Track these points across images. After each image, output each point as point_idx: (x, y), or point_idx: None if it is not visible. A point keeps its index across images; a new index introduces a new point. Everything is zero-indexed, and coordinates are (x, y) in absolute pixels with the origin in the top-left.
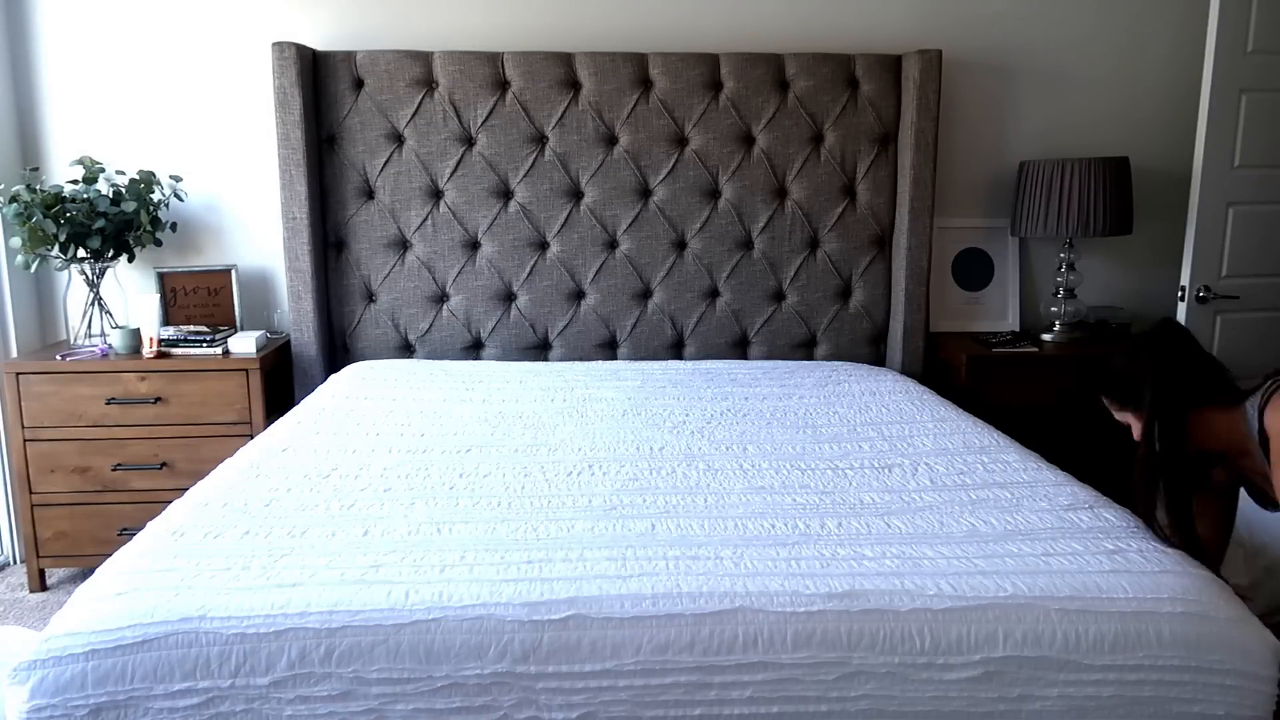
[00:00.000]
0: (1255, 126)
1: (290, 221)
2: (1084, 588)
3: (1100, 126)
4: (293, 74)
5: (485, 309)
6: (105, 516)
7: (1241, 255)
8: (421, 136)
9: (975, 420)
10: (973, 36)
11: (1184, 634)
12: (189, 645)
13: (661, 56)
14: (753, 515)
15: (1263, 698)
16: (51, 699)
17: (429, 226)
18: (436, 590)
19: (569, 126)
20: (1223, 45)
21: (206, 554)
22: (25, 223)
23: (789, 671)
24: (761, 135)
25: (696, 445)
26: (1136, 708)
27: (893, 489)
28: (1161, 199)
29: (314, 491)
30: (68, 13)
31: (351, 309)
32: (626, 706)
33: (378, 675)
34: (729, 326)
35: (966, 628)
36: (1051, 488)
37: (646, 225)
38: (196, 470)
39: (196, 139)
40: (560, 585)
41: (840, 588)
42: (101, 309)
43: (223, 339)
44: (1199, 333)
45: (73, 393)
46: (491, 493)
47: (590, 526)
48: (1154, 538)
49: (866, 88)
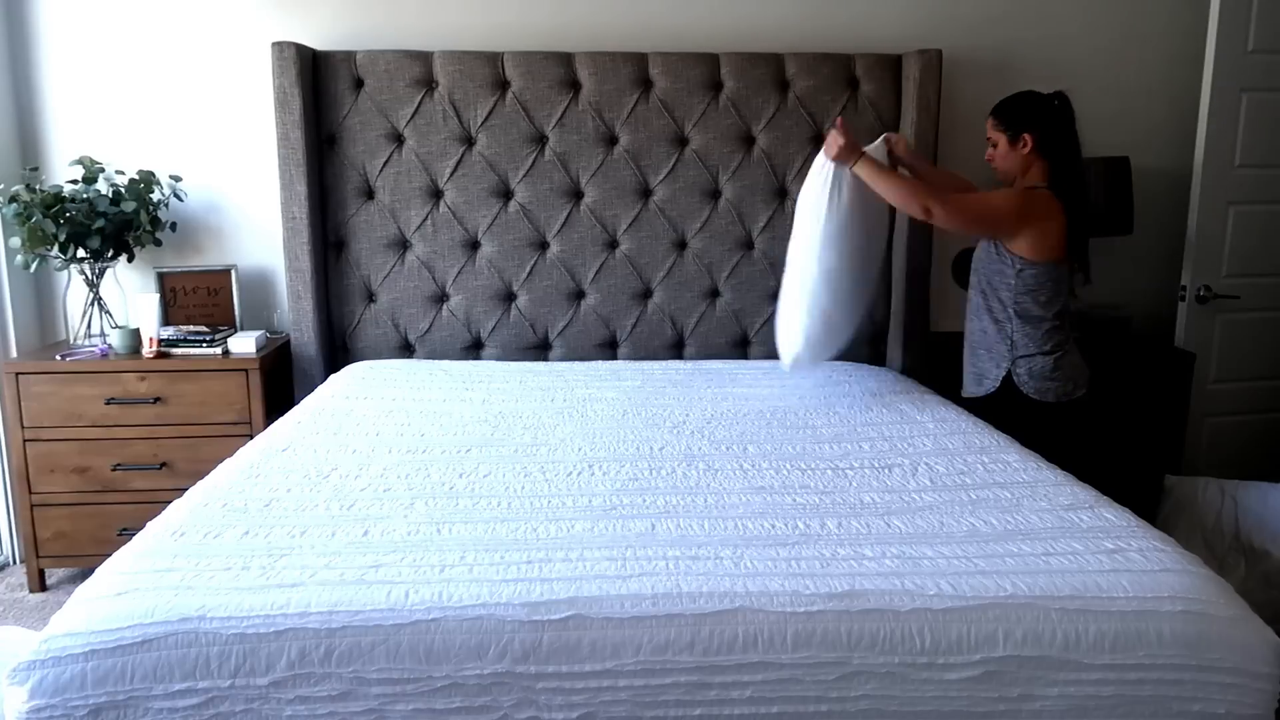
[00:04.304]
0: (1255, 126)
1: (290, 221)
2: (1084, 587)
3: (1100, 126)
4: (293, 74)
5: (485, 309)
6: (105, 516)
7: (1241, 255)
8: (421, 136)
9: (975, 420)
10: (973, 36)
11: (1184, 633)
12: (189, 645)
13: (661, 56)
14: (753, 515)
15: (1263, 696)
16: (51, 699)
17: (429, 226)
18: (436, 590)
19: (569, 126)
20: (1223, 45)
21: (206, 554)
22: (25, 223)
23: (789, 671)
24: (762, 135)
25: (696, 445)
26: (1137, 707)
27: (893, 489)
28: (1161, 199)
29: (314, 491)
30: (68, 13)
31: (351, 309)
32: (626, 706)
33: (378, 675)
34: (729, 326)
35: (966, 627)
36: (1051, 488)
37: (647, 225)
38: (196, 470)
39: (196, 139)
40: (560, 585)
41: (840, 588)
42: (101, 309)
43: (222, 339)
44: (1199, 332)
45: (73, 393)
46: (491, 493)
47: (590, 526)
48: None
49: (866, 88)
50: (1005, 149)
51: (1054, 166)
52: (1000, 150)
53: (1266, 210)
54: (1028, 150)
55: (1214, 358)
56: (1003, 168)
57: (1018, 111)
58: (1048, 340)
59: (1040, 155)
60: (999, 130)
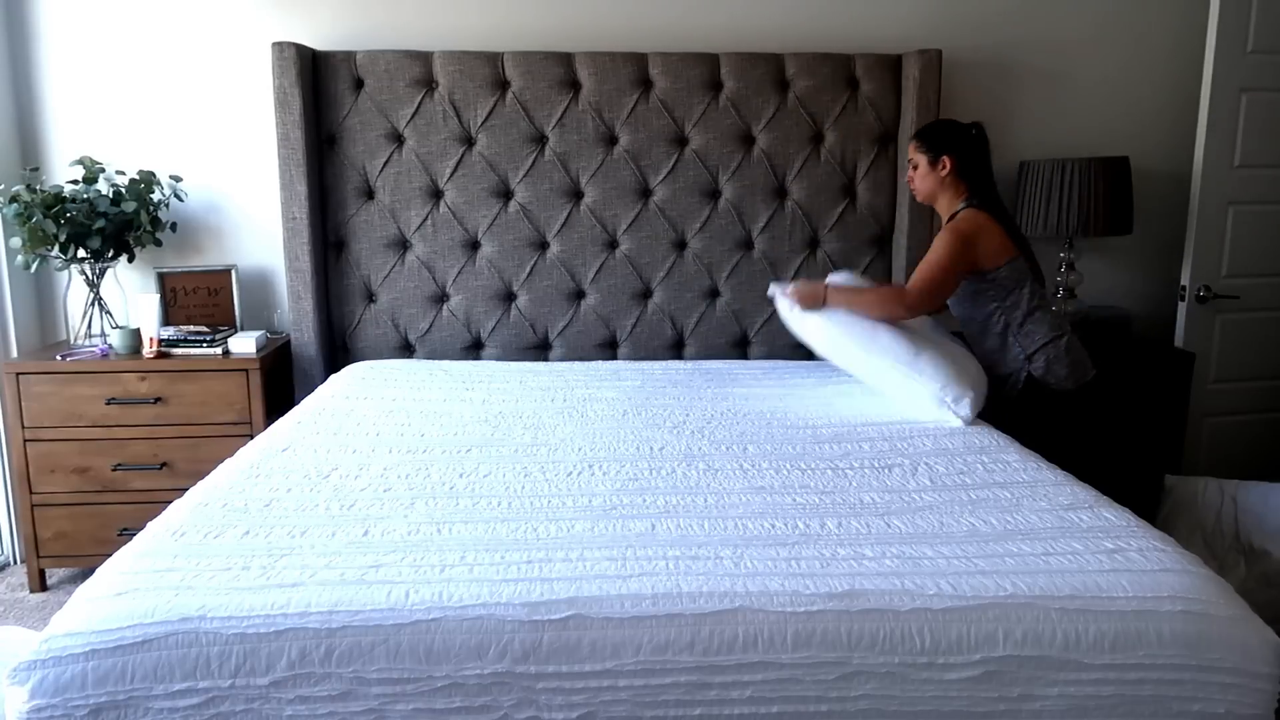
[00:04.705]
0: (1255, 126)
1: (290, 221)
2: (1084, 587)
3: (1100, 126)
4: (293, 74)
5: (485, 309)
6: (105, 516)
7: (1241, 255)
8: (421, 136)
9: (974, 420)
10: (973, 36)
11: (1184, 633)
12: (189, 645)
13: (661, 56)
14: (753, 515)
15: (1263, 696)
16: (51, 699)
17: (429, 226)
18: (436, 590)
19: (569, 126)
20: (1223, 45)
21: (206, 554)
22: (25, 223)
23: (789, 671)
24: (761, 135)
25: (696, 445)
26: (1137, 706)
27: (893, 489)
28: (1161, 199)
29: (314, 491)
30: (68, 13)
31: (351, 309)
32: (626, 706)
33: (378, 675)
34: (729, 326)
35: (966, 627)
36: (1051, 488)
37: (646, 225)
38: (196, 470)
39: (196, 139)
40: (560, 585)
41: (840, 588)
42: (101, 309)
43: (223, 339)
44: (1199, 332)
45: (73, 393)
46: (491, 493)
47: (590, 526)
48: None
49: (866, 88)
50: (925, 170)
51: (971, 187)
52: (920, 171)
53: (1266, 210)
54: (946, 173)
55: (1214, 358)
56: (922, 188)
57: (939, 136)
58: (1047, 327)
59: (958, 178)
60: (920, 152)
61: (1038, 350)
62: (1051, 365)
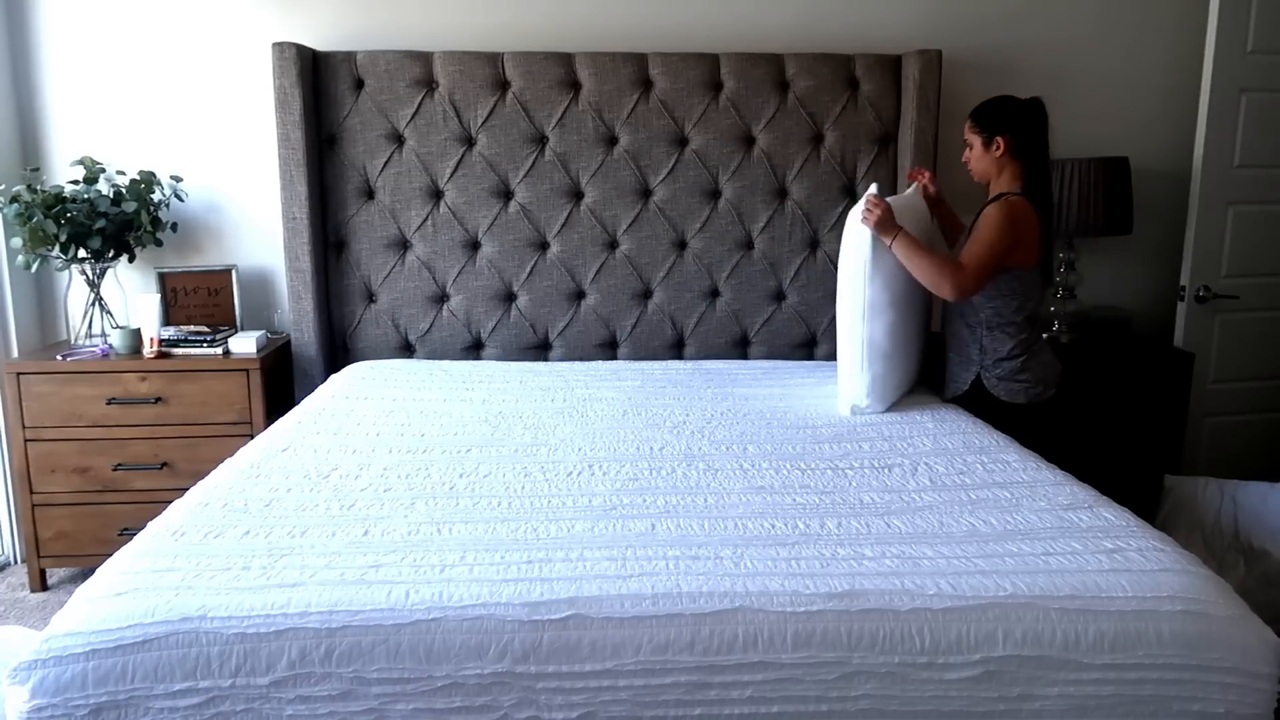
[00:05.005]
0: (1255, 126)
1: (290, 221)
2: (1084, 587)
3: (1100, 127)
4: (293, 74)
5: (485, 309)
6: (105, 516)
7: (1241, 255)
8: (421, 137)
9: (975, 420)
10: (973, 36)
11: (1184, 632)
12: (189, 645)
13: (661, 56)
14: (753, 515)
15: (1263, 696)
16: (52, 699)
17: (429, 226)
18: (436, 590)
19: (569, 126)
20: (1223, 45)
21: (207, 554)
22: (26, 223)
23: (789, 671)
24: (761, 135)
25: (696, 445)
26: (1137, 706)
27: (892, 489)
28: (1161, 199)
29: (314, 491)
30: (68, 13)
31: (351, 309)
32: (626, 706)
33: (378, 675)
34: (729, 326)
35: (966, 627)
36: (1051, 488)
37: (647, 225)
38: (197, 470)
39: (196, 139)
40: (560, 585)
41: (840, 588)
42: (102, 309)
43: (223, 339)
44: (1199, 332)
45: (73, 393)
46: (491, 493)
47: (590, 526)
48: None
49: (866, 88)
50: (980, 151)
51: (1026, 169)
52: (975, 152)
53: (1266, 210)
54: (1000, 153)
55: (1213, 358)
56: (977, 169)
57: (994, 115)
58: (1016, 344)
59: (1014, 158)
60: (975, 132)
61: (999, 360)
62: (1003, 377)
